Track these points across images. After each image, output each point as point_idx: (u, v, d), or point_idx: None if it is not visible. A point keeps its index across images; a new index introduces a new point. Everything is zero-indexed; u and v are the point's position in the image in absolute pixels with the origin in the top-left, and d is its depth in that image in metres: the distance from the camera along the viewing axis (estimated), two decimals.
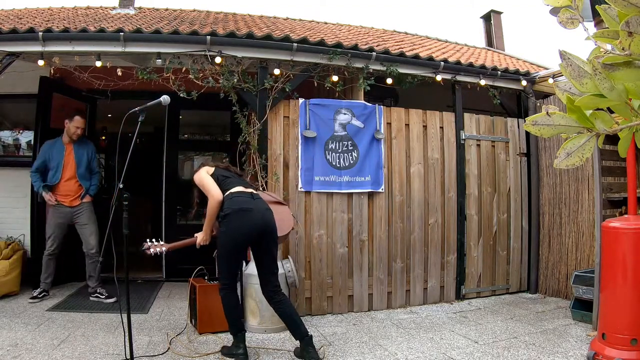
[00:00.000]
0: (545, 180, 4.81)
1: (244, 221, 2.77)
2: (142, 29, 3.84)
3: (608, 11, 1.00)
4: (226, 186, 2.90)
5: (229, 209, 2.77)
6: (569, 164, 1.04)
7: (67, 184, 4.15)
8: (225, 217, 2.77)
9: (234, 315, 2.90)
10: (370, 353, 3.04)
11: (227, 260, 2.85)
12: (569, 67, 0.99)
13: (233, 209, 2.76)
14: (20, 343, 3.03)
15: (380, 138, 4.25)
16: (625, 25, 0.87)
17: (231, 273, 2.90)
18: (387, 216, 4.29)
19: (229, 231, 2.76)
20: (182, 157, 5.74)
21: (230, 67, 3.89)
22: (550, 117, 1.03)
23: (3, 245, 4.47)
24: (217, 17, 6.27)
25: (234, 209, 2.76)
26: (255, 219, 2.79)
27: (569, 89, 1.06)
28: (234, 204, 2.79)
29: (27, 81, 4.57)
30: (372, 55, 4.15)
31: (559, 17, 1.13)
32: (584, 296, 3.64)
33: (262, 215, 2.83)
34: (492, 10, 8.73)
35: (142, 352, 2.96)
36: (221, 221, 2.80)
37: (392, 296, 4.28)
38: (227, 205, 2.79)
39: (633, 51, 0.90)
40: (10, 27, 3.66)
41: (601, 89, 0.96)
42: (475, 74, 4.67)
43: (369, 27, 8.13)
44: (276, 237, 2.93)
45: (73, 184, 4.17)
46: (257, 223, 2.80)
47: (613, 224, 2.86)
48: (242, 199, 2.82)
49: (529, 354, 2.97)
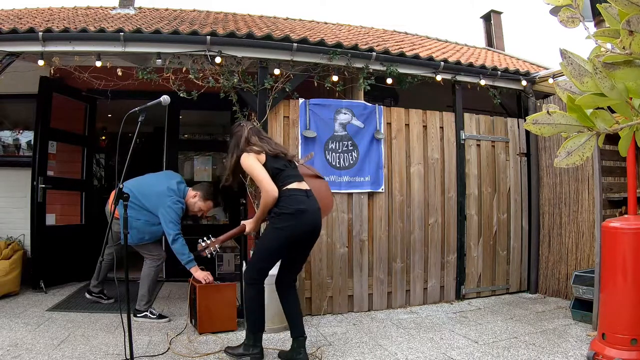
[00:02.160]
0: (545, 180, 4.81)
1: (298, 223, 2.70)
2: (142, 29, 3.84)
3: (609, 10, 1.00)
4: (282, 181, 2.77)
5: (286, 209, 2.69)
6: (570, 163, 1.04)
7: None
8: (280, 215, 2.70)
9: (260, 312, 2.83)
10: (370, 353, 3.04)
11: (268, 256, 2.78)
12: (570, 66, 0.99)
13: (290, 210, 2.69)
14: (20, 343, 3.03)
15: (380, 138, 4.25)
16: (627, 24, 0.87)
17: (265, 270, 2.82)
18: (387, 216, 4.29)
19: (281, 230, 2.69)
20: (182, 157, 5.75)
21: (230, 67, 3.89)
22: (550, 116, 1.03)
23: (3, 245, 4.47)
24: (217, 17, 6.27)
25: (291, 210, 2.69)
26: (308, 221, 2.74)
27: (570, 88, 1.06)
28: (292, 204, 2.71)
29: (27, 81, 4.57)
30: (372, 55, 4.15)
31: (559, 16, 1.13)
32: (584, 296, 3.64)
33: (314, 217, 2.78)
34: (492, 10, 8.73)
35: (142, 352, 2.96)
36: (274, 217, 2.72)
37: (392, 296, 4.28)
38: (284, 204, 2.71)
39: (634, 50, 0.90)
40: (10, 27, 3.66)
41: (602, 87, 0.96)
42: (475, 74, 4.67)
43: (369, 27, 8.13)
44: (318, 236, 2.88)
45: None
46: (310, 225, 2.75)
47: (613, 224, 2.85)
48: (299, 198, 2.74)
49: (529, 354, 2.96)
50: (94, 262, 4.08)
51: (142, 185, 3.74)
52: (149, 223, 3.66)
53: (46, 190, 4.58)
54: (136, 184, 3.73)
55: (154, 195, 3.65)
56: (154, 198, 3.63)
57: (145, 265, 3.76)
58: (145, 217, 3.64)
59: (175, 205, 3.58)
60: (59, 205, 4.93)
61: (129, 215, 3.42)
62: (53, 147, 4.80)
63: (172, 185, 3.70)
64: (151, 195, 3.66)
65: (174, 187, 3.70)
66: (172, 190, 3.66)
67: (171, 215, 3.53)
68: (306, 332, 2.90)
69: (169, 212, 3.54)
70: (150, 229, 3.68)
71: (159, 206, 3.59)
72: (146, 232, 3.67)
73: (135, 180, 3.81)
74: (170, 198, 3.60)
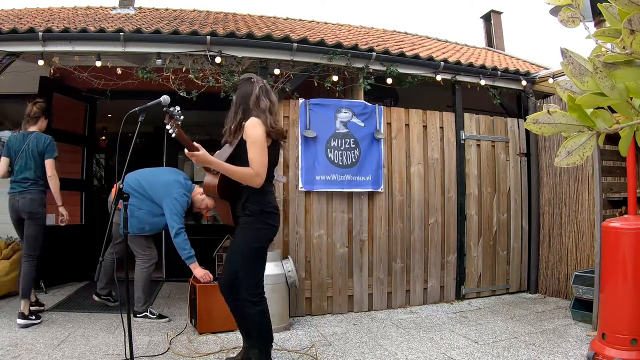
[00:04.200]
0: (545, 180, 4.81)
1: (277, 223, 2.50)
2: (142, 29, 3.84)
3: (609, 9, 1.00)
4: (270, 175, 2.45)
5: (271, 207, 2.45)
6: (570, 163, 1.04)
7: None
8: (263, 213, 2.41)
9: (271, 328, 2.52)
10: (370, 353, 3.04)
11: (261, 262, 2.47)
12: (570, 65, 0.99)
13: (272, 209, 2.45)
14: (20, 343, 3.03)
15: (380, 138, 4.25)
16: (628, 23, 0.87)
17: (262, 280, 2.50)
18: (387, 216, 4.29)
19: (266, 230, 2.43)
20: (182, 157, 5.74)
21: (231, 67, 3.89)
22: (551, 116, 1.03)
23: (3, 245, 4.47)
24: (217, 17, 6.27)
25: (273, 209, 2.46)
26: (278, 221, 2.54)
27: (570, 88, 1.06)
28: (272, 201, 2.48)
29: (27, 81, 4.57)
30: (372, 55, 4.15)
31: (559, 16, 1.13)
32: (584, 296, 3.64)
33: None
34: (492, 10, 8.74)
35: (142, 352, 2.96)
36: (253, 216, 2.40)
37: (392, 296, 4.28)
38: (265, 201, 2.42)
39: (634, 49, 0.90)
40: (10, 27, 3.66)
41: (602, 87, 0.96)
42: (475, 74, 4.67)
43: (369, 27, 8.13)
44: None
45: None
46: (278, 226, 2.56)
47: (613, 224, 2.86)
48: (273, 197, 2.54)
49: (529, 354, 2.96)
50: (94, 262, 4.05)
51: (149, 174, 3.73)
52: (151, 214, 3.64)
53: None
54: (143, 172, 3.73)
55: (160, 184, 3.63)
56: (160, 188, 3.62)
57: (136, 267, 3.74)
58: (148, 207, 3.63)
59: (181, 198, 3.57)
60: None
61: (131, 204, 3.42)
62: None
63: (179, 179, 3.70)
64: (157, 184, 3.64)
65: (182, 181, 3.70)
66: (180, 183, 3.65)
67: (176, 207, 3.52)
68: (306, 331, 2.89)
69: (174, 204, 3.52)
70: (152, 220, 3.66)
71: (164, 196, 3.57)
72: (147, 223, 3.66)
73: (142, 170, 3.81)
74: (177, 190, 3.58)
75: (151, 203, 3.63)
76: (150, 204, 3.63)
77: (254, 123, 2.33)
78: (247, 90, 2.46)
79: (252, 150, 2.31)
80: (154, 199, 3.62)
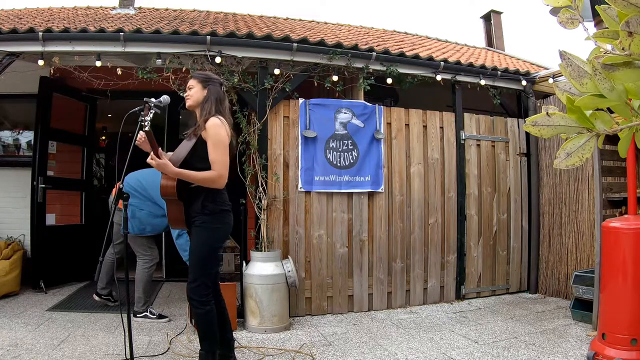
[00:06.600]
0: (545, 180, 4.81)
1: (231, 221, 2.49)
2: (142, 29, 3.84)
3: (608, 11, 1.00)
4: None
5: (227, 206, 2.46)
6: (569, 164, 1.04)
7: None
8: (218, 212, 2.40)
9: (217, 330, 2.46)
10: (370, 353, 3.04)
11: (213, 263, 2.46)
12: (569, 67, 0.99)
13: (227, 207, 2.46)
14: (20, 343, 3.03)
15: (380, 138, 4.25)
16: (625, 25, 0.87)
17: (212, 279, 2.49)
18: (387, 216, 4.29)
19: (220, 230, 2.43)
20: None
21: (231, 67, 3.89)
22: (550, 118, 1.03)
23: (3, 245, 4.48)
24: (217, 17, 6.27)
25: (228, 207, 2.46)
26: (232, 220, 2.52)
27: (569, 89, 1.06)
28: (226, 200, 2.47)
29: (27, 81, 4.57)
30: (372, 55, 4.15)
31: (558, 17, 1.13)
32: (584, 296, 3.64)
33: None
34: (492, 10, 8.72)
35: (142, 352, 2.96)
36: (209, 215, 2.38)
37: (392, 296, 4.28)
38: (220, 199, 2.41)
39: (633, 51, 0.90)
40: (10, 27, 3.66)
41: (601, 89, 0.96)
42: (475, 74, 4.67)
43: (369, 27, 8.12)
44: None
45: None
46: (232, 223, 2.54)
47: (613, 224, 2.86)
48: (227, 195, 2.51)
49: (529, 354, 2.96)
50: (94, 262, 4.08)
51: (150, 174, 3.68)
52: (152, 214, 3.64)
53: (46, 190, 4.59)
54: (144, 172, 3.69)
55: None
56: None
57: (138, 267, 3.74)
58: (149, 208, 3.62)
59: None
60: (59, 205, 4.93)
61: (133, 204, 3.40)
62: (53, 147, 4.80)
63: None
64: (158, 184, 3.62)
65: None
66: None
67: None
68: (306, 331, 2.89)
69: None
70: (153, 221, 3.66)
71: None
72: (148, 224, 3.65)
73: (143, 170, 3.78)
74: None
75: (152, 204, 3.63)
76: (152, 204, 3.63)
77: (217, 123, 2.34)
78: (217, 90, 2.49)
79: (215, 151, 2.32)
80: (155, 199, 3.61)
